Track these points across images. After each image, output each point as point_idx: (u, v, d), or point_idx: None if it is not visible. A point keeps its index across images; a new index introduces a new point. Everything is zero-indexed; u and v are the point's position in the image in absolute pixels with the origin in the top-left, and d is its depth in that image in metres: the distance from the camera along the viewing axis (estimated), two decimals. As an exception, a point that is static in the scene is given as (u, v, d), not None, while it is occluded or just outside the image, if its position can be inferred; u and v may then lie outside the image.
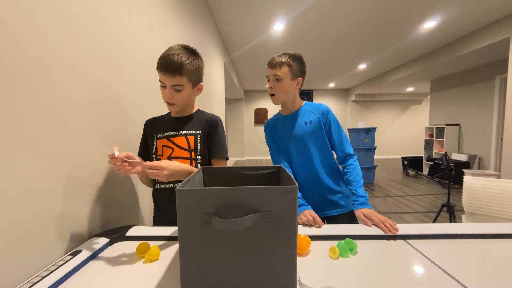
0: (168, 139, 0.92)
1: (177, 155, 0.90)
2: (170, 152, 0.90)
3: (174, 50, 0.84)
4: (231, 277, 0.47)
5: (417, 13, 3.02)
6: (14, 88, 0.54)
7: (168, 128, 0.94)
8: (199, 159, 0.91)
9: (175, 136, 0.92)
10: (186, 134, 0.92)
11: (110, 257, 0.65)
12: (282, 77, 1.01)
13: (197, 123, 0.95)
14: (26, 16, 0.57)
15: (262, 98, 8.65)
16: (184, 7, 1.85)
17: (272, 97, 1.06)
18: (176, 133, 0.92)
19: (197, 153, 0.92)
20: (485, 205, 1.43)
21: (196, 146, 0.92)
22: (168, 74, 0.82)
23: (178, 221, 0.46)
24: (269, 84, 1.04)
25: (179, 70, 0.82)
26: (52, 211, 0.64)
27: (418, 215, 3.17)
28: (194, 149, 0.91)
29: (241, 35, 3.71)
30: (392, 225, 0.76)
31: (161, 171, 0.72)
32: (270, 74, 1.03)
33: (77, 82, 0.73)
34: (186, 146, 0.91)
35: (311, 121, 1.05)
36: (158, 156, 0.92)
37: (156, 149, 0.93)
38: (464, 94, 4.98)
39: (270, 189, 0.46)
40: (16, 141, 0.55)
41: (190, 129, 0.94)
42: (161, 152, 0.92)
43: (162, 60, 0.83)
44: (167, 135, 0.92)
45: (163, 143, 0.92)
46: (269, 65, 1.04)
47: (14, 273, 0.54)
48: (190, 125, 0.95)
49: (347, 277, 0.55)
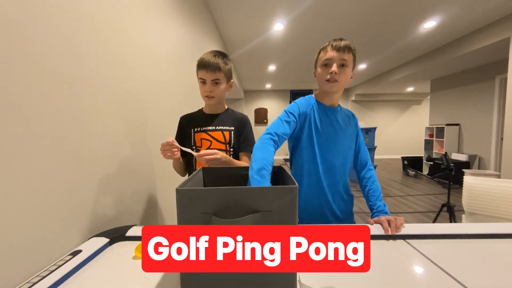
0: (206, 132, 1.08)
1: (214, 147, 1.06)
2: (208, 144, 1.07)
3: (212, 53, 1.02)
4: (231, 276, 0.47)
5: (417, 13, 3.02)
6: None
7: (205, 123, 1.09)
8: (231, 151, 1.09)
9: (212, 131, 1.08)
10: (223, 130, 1.08)
11: (110, 257, 0.65)
12: (348, 63, 0.89)
13: (230, 120, 1.12)
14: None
15: (262, 98, 8.65)
16: (184, 7, 1.85)
17: (332, 84, 0.90)
18: (214, 128, 1.08)
19: (231, 146, 1.09)
20: (485, 205, 1.43)
21: (231, 140, 1.09)
22: (210, 71, 0.99)
23: (178, 221, 0.46)
24: (333, 68, 0.88)
25: (218, 67, 1.00)
26: (52, 211, 0.64)
27: (418, 215, 3.17)
28: (229, 143, 1.08)
29: (241, 35, 3.71)
30: (395, 227, 0.76)
31: (217, 157, 0.89)
32: (336, 57, 0.88)
33: (80, 85, 0.73)
34: (222, 140, 1.07)
35: (350, 124, 1.00)
36: (197, 148, 1.08)
37: (194, 141, 1.08)
38: (464, 94, 4.98)
39: (270, 189, 0.46)
40: (16, 141, 0.55)
41: (225, 125, 1.10)
42: (200, 144, 1.07)
43: (203, 60, 1.00)
44: (205, 129, 1.08)
45: (201, 136, 1.07)
46: (334, 47, 0.89)
47: (14, 273, 0.54)
48: (224, 121, 1.11)
49: (347, 277, 0.55)
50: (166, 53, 1.47)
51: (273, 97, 8.67)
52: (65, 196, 0.68)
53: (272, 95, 8.66)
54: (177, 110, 1.63)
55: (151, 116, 1.24)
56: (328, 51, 0.91)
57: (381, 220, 0.80)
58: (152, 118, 1.25)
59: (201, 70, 1.01)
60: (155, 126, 1.28)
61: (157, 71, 1.31)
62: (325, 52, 0.92)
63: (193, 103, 2.03)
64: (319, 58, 0.95)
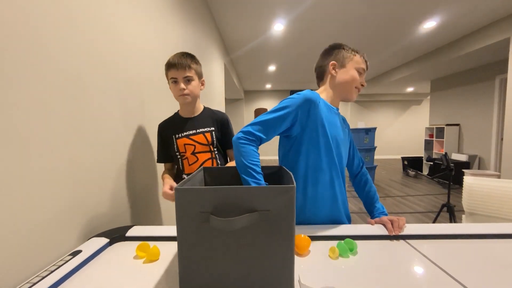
0: (188, 137, 1.08)
1: (199, 150, 1.09)
2: (193, 149, 1.08)
3: (180, 53, 1.04)
4: (229, 275, 0.47)
5: (417, 13, 3.02)
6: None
7: (185, 127, 1.09)
8: (215, 151, 1.11)
9: (194, 135, 1.09)
10: (203, 132, 1.09)
11: (110, 257, 0.65)
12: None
13: (209, 121, 1.12)
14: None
15: (262, 98, 8.66)
16: (184, 7, 1.85)
17: (357, 93, 0.92)
18: (194, 132, 1.09)
19: (214, 146, 1.11)
20: (485, 205, 1.43)
21: (213, 140, 1.10)
22: (181, 69, 1.01)
23: (177, 220, 0.47)
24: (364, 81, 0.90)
25: (188, 65, 1.02)
26: (52, 211, 0.64)
27: (418, 215, 3.17)
28: (212, 143, 1.10)
29: (241, 35, 3.71)
30: (397, 227, 0.75)
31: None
32: (365, 68, 0.90)
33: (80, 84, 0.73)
34: (205, 142, 1.09)
35: (345, 127, 0.97)
36: (182, 153, 1.09)
37: (177, 148, 1.08)
38: (464, 94, 4.98)
39: (268, 188, 0.46)
40: (16, 141, 0.55)
41: (205, 126, 1.10)
42: (183, 150, 1.08)
43: (173, 60, 1.02)
44: (186, 134, 1.08)
45: (184, 141, 1.08)
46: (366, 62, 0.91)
47: (14, 273, 0.54)
48: (202, 123, 1.11)
49: (347, 277, 0.55)
50: (167, 53, 1.46)
51: (273, 97, 8.67)
52: (65, 196, 0.68)
53: (272, 95, 8.67)
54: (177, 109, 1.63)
55: (151, 116, 1.24)
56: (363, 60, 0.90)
57: (384, 221, 0.79)
58: (152, 118, 1.25)
59: (171, 70, 1.02)
60: (155, 126, 1.28)
61: (158, 71, 1.31)
62: (362, 60, 0.89)
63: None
64: (355, 60, 0.88)
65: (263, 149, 8.69)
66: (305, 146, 0.82)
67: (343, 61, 0.88)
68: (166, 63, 1.03)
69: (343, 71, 0.88)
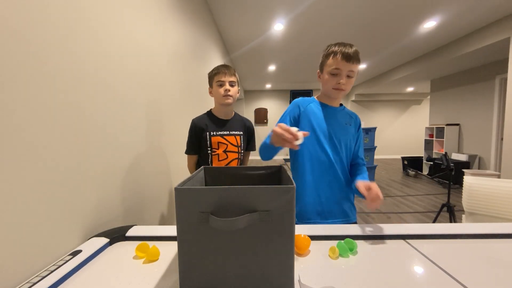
0: (222, 137, 1.23)
1: (230, 149, 1.24)
2: (225, 147, 1.23)
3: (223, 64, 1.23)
4: (229, 275, 0.47)
5: (417, 13, 3.02)
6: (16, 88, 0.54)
7: (220, 127, 1.24)
8: (241, 152, 1.29)
9: (227, 135, 1.24)
10: (235, 134, 1.27)
11: (110, 257, 0.65)
12: (355, 74, 0.93)
13: (240, 125, 1.30)
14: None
15: (262, 98, 8.66)
16: (184, 7, 1.85)
17: (339, 92, 0.95)
18: (228, 133, 1.25)
19: (242, 149, 1.28)
20: (485, 205, 1.43)
21: (242, 143, 1.28)
22: (229, 74, 1.20)
23: (177, 220, 0.47)
24: (343, 79, 0.91)
25: (234, 72, 1.23)
26: (52, 211, 0.64)
27: (418, 215, 3.17)
28: (241, 145, 1.28)
29: (241, 35, 3.71)
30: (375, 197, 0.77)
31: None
32: (344, 68, 0.90)
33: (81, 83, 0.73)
34: (235, 143, 1.25)
35: (350, 124, 1.02)
36: (214, 149, 1.22)
37: (211, 144, 1.22)
38: (464, 94, 4.98)
39: (267, 188, 0.46)
40: (16, 141, 0.55)
41: (236, 130, 1.28)
42: (216, 146, 1.22)
43: (221, 67, 1.21)
44: (221, 134, 1.23)
45: (217, 139, 1.22)
46: (344, 57, 0.89)
47: (14, 273, 0.54)
48: (235, 126, 1.28)
49: (347, 277, 0.55)
50: (167, 53, 1.46)
51: (273, 97, 8.67)
52: (65, 196, 0.68)
53: (272, 95, 8.66)
54: (177, 109, 1.63)
55: (153, 116, 1.24)
56: (338, 60, 0.91)
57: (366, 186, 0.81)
58: (152, 117, 1.25)
59: (219, 75, 1.19)
60: (155, 125, 1.28)
61: (158, 70, 1.31)
62: (335, 60, 0.91)
63: (194, 103, 2.04)
64: (327, 63, 0.94)
65: (263, 149, 8.68)
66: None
67: (322, 68, 1.00)
68: (214, 70, 1.21)
69: (322, 76, 0.99)
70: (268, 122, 8.65)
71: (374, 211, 3.33)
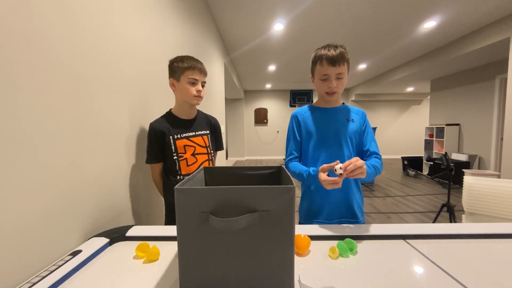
0: (188, 139, 1.10)
1: (198, 151, 1.12)
2: (193, 150, 1.10)
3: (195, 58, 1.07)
4: (229, 275, 0.47)
5: (417, 13, 3.02)
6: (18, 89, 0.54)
7: (184, 129, 1.10)
8: (211, 153, 1.18)
9: (193, 136, 1.11)
10: (202, 134, 1.14)
11: (110, 257, 0.65)
12: (344, 74, 0.93)
13: (204, 124, 1.18)
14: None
15: (262, 98, 8.65)
16: (184, 7, 1.85)
17: (332, 95, 0.97)
18: (194, 134, 1.12)
19: (211, 149, 1.17)
20: (485, 205, 1.43)
21: (210, 143, 1.17)
22: (203, 73, 1.08)
23: (177, 220, 0.47)
24: (332, 83, 0.93)
25: (207, 72, 1.11)
26: (52, 211, 0.64)
27: (418, 215, 3.17)
28: (209, 146, 1.16)
29: (241, 35, 3.71)
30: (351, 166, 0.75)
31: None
32: (332, 73, 0.92)
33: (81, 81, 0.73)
34: (203, 144, 1.14)
35: (353, 120, 1.02)
36: (180, 154, 1.08)
37: (176, 148, 1.07)
38: (464, 94, 4.98)
39: (267, 189, 0.46)
40: (16, 141, 0.55)
41: (202, 129, 1.15)
42: (183, 151, 1.08)
43: (195, 63, 1.05)
44: (186, 136, 1.10)
45: (183, 143, 1.08)
46: (330, 61, 0.91)
47: (14, 273, 0.54)
48: (200, 126, 1.16)
49: (347, 277, 0.55)
50: (167, 53, 1.46)
51: (273, 97, 8.67)
52: (65, 196, 0.68)
53: (272, 95, 8.66)
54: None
55: (152, 116, 1.24)
56: (324, 65, 0.93)
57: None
58: (154, 117, 1.24)
59: (193, 71, 1.04)
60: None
61: (158, 71, 1.31)
62: (321, 66, 0.94)
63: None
64: (316, 70, 0.98)
65: (264, 149, 8.69)
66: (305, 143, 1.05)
67: (312, 73, 1.02)
68: (184, 61, 1.03)
69: (314, 82, 1.02)
70: (268, 122, 8.65)
71: (374, 211, 3.33)
